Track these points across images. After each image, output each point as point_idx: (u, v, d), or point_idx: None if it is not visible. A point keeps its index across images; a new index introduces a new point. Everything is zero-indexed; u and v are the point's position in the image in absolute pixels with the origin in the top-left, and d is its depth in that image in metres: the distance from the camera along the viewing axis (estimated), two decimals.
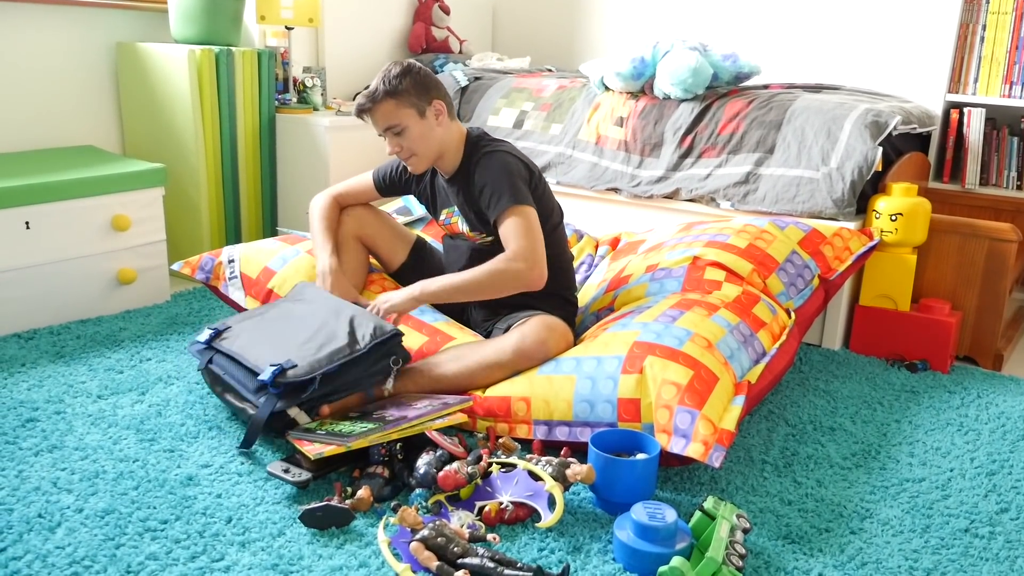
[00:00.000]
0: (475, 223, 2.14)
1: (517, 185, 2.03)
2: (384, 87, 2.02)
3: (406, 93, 2.02)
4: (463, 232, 2.19)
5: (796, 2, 3.57)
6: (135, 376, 2.22)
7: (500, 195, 2.01)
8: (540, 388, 1.90)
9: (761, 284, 2.26)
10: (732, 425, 1.70)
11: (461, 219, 2.18)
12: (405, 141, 2.05)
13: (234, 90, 3.06)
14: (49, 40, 2.95)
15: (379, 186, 2.31)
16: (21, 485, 1.68)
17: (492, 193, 2.03)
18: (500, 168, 2.04)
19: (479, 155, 2.09)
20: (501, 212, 2.01)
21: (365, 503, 1.63)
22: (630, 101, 2.99)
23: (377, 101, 2.02)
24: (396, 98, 2.01)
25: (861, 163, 2.54)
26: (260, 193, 3.27)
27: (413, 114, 2.03)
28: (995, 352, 2.61)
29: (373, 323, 1.91)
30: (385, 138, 2.08)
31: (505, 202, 2.01)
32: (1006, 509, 1.77)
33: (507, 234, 2.00)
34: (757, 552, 1.58)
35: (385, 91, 2.01)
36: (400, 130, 2.03)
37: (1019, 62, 3.04)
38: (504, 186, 2.02)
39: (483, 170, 2.05)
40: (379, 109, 2.03)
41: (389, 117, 2.03)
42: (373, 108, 2.03)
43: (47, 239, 2.50)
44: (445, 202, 2.21)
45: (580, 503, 1.71)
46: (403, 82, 2.02)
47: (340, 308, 2.00)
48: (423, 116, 2.04)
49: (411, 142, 2.05)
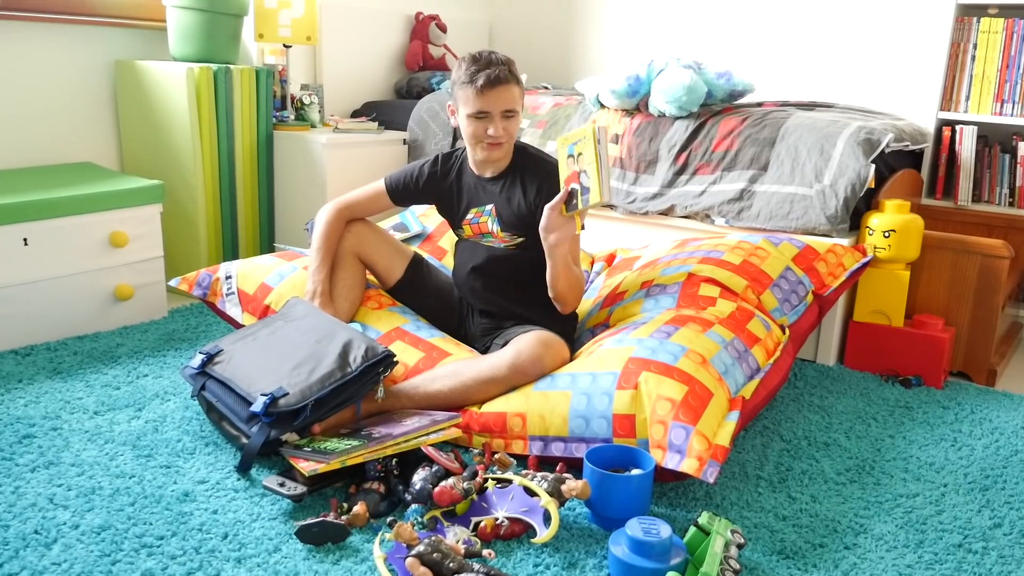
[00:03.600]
0: (511, 224, 2.16)
1: None
2: (509, 72, 2.04)
3: (521, 85, 2.09)
4: (492, 231, 2.20)
5: (790, 21, 3.61)
6: (132, 392, 2.22)
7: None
8: (536, 404, 1.91)
9: (755, 300, 2.28)
10: (727, 441, 1.71)
11: (493, 219, 2.19)
12: (511, 126, 2.09)
13: (232, 107, 3.09)
14: (48, 57, 2.97)
15: (393, 194, 2.30)
16: (17, 501, 1.68)
17: None
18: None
19: (535, 160, 2.17)
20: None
21: (361, 519, 1.63)
22: (625, 118, 3.01)
23: (508, 82, 2.04)
24: (518, 86, 2.08)
25: (854, 180, 2.57)
26: (257, 210, 3.28)
27: (522, 105, 2.12)
28: (988, 368, 2.62)
29: (365, 344, 1.90)
30: (491, 118, 2.05)
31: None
32: (999, 524, 1.78)
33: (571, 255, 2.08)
34: (751, 567, 1.58)
35: (512, 76, 2.05)
36: (512, 115, 2.08)
37: (1010, 80, 3.07)
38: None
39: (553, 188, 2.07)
40: (509, 89, 2.05)
41: (514, 100, 2.07)
42: (503, 87, 2.03)
43: (45, 255, 2.51)
44: (476, 200, 2.22)
45: (575, 519, 1.72)
46: (516, 72, 2.08)
47: (333, 328, 1.99)
48: (522, 110, 2.13)
49: (514, 128, 2.11)
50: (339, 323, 2.02)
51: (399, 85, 3.89)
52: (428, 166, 2.27)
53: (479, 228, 2.22)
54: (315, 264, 2.24)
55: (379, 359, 1.88)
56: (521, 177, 2.15)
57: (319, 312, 2.09)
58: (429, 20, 3.94)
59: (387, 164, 3.40)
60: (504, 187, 2.17)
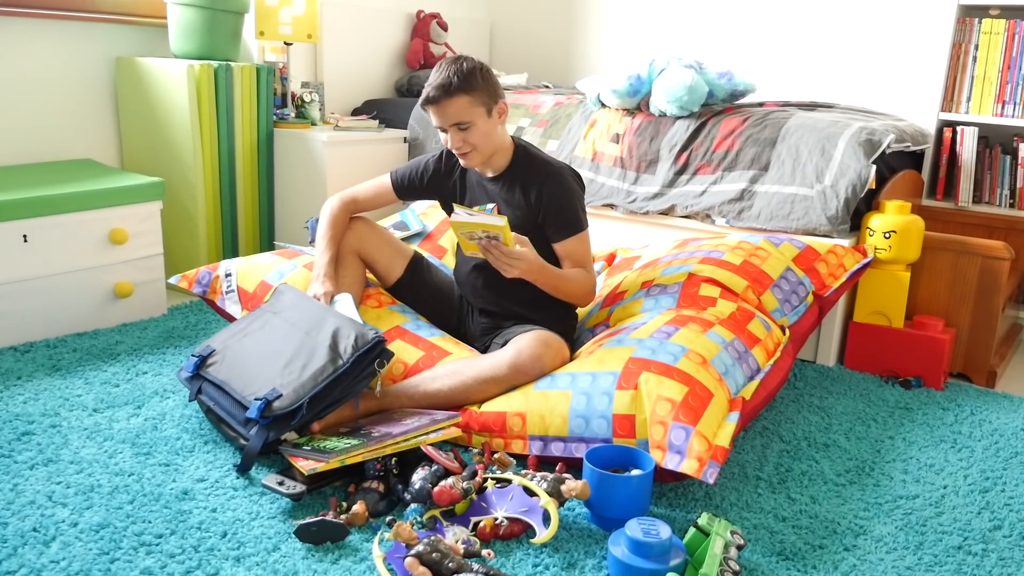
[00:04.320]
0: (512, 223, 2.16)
1: (582, 208, 2.16)
2: (458, 81, 1.99)
3: (480, 90, 2.02)
4: None
5: (791, 21, 3.60)
6: (131, 390, 2.22)
7: (567, 221, 2.12)
8: (536, 403, 1.91)
9: (756, 301, 2.27)
10: (726, 441, 1.71)
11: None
12: (470, 136, 2.04)
13: (232, 105, 3.08)
14: (49, 54, 2.97)
15: (397, 188, 2.31)
16: (16, 499, 1.68)
17: (562, 218, 2.12)
18: (569, 193, 2.14)
19: (536, 164, 2.15)
20: (575, 232, 2.13)
21: (360, 518, 1.63)
22: (626, 118, 3.01)
23: (451, 94, 1.99)
24: (471, 94, 2.00)
25: (855, 181, 2.56)
26: (257, 207, 3.28)
27: (483, 112, 2.04)
28: (988, 369, 2.62)
29: (355, 332, 1.87)
30: (446, 131, 2.06)
31: (575, 227, 2.13)
32: (999, 526, 1.78)
33: (574, 256, 2.14)
34: (751, 569, 1.58)
35: (459, 86, 1.99)
36: (467, 126, 2.03)
37: (1011, 81, 3.07)
38: (572, 212, 2.13)
39: (554, 190, 2.11)
40: (452, 103, 2.00)
41: (461, 113, 2.01)
42: (446, 101, 2.00)
43: (45, 252, 2.51)
44: (479, 199, 2.23)
45: (575, 519, 1.72)
46: (477, 79, 2.01)
47: (321, 316, 1.97)
48: (490, 115, 2.06)
49: (476, 138, 2.05)
50: (326, 309, 2.01)
51: (400, 83, 3.89)
52: (433, 162, 2.28)
53: None
54: (320, 248, 2.25)
55: (370, 347, 1.85)
56: (522, 178, 2.14)
57: (307, 299, 2.08)
58: (430, 18, 3.94)
59: (387, 162, 3.40)
60: (504, 188, 2.17)
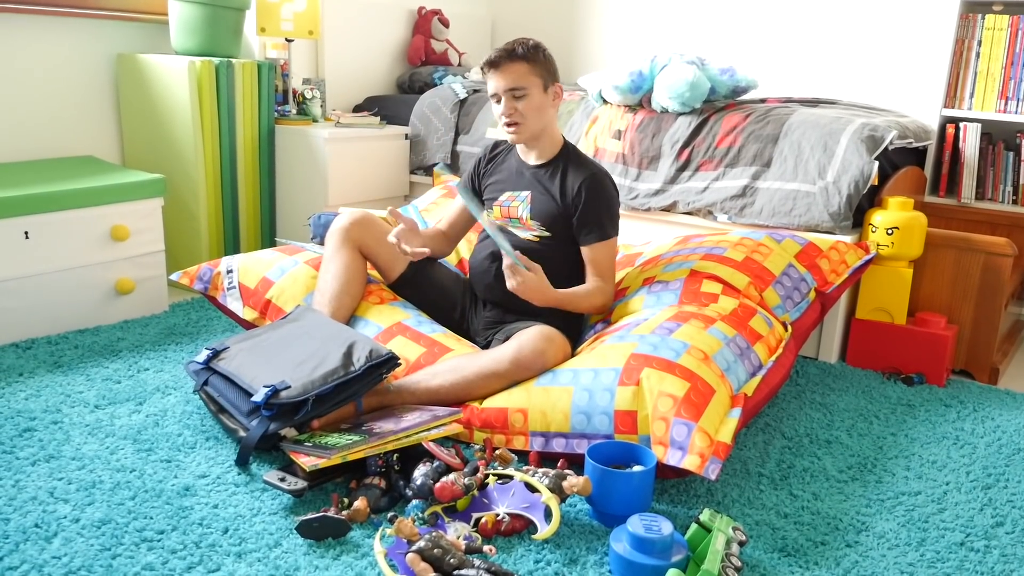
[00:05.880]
0: (540, 215, 2.19)
1: (618, 214, 2.20)
2: (522, 50, 2.09)
3: (540, 63, 2.12)
4: (520, 216, 2.22)
5: (793, 17, 3.60)
6: (132, 386, 2.22)
7: (602, 224, 2.16)
8: (537, 400, 1.91)
9: (758, 297, 2.27)
10: (728, 437, 1.71)
11: (525, 205, 2.21)
12: (522, 105, 2.11)
13: (234, 101, 3.08)
14: (50, 51, 2.96)
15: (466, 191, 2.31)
16: (18, 495, 1.68)
17: (595, 219, 2.15)
18: (608, 198, 2.17)
19: (582, 161, 2.20)
20: (601, 239, 2.16)
21: (362, 514, 1.63)
22: (628, 114, 3.00)
23: (514, 59, 2.09)
24: (530, 63, 2.10)
25: (857, 177, 2.56)
26: (259, 204, 3.28)
27: (539, 84, 2.12)
28: (991, 366, 2.61)
29: (370, 346, 1.91)
30: (501, 99, 2.12)
31: (607, 232, 2.17)
32: (1001, 523, 1.77)
33: (602, 264, 2.18)
34: (753, 565, 1.58)
35: (522, 54, 2.09)
36: (522, 94, 2.10)
37: (1014, 77, 3.06)
38: (608, 216, 2.17)
39: (596, 187, 2.14)
40: (513, 68, 2.09)
41: (519, 78, 2.09)
42: (507, 64, 2.09)
43: (46, 249, 2.51)
44: (515, 184, 2.25)
45: (576, 515, 1.71)
46: (539, 53, 2.12)
47: (339, 331, 2.00)
48: (545, 90, 2.13)
49: (527, 109, 2.12)
50: (345, 327, 2.04)
51: (401, 80, 3.88)
52: (480, 154, 2.38)
53: (508, 212, 2.25)
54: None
55: (383, 360, 1.88)
56: (563, 172, 2.18)
57: (328, 320, 2.10)
58: (431, 15, 3.93)
59: (389, 159, 3.40)
60: (547, 175, 2.20)
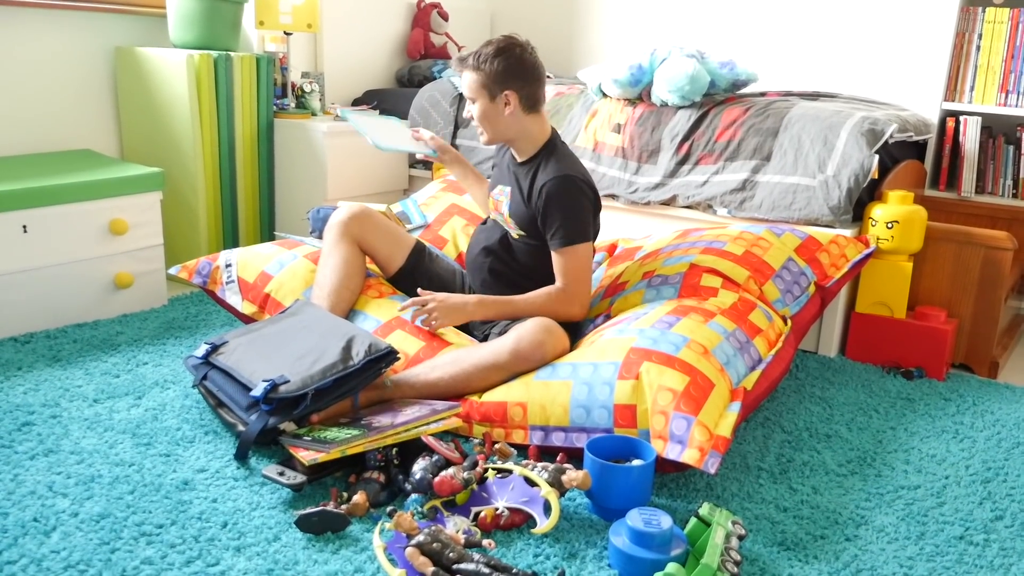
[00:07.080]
0: (516, 213, 2.21)
1: (586, 220, 2.13)
2: (472, 59, 2.14)
3: (485, 75, 2.13)
4: (503, 213, 2.24)
5: (793, 10, 3.58)
6: (131, 380, 2.22)
7: (566, 228, 2.10)
8: (536, 393, 1.90)
9: (757, 291, 2.27)
10: (728, 431, 1.71)
11: (507, 201, 2.23)
12: (475, 112, 2.18)
13: (232, 95, 3.07)
14: (48, 44, 2.95)
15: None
16: (16, 489, 1.67)
17: (559, 222, 2.10)
18: (573, 203, 2.11)
19: (550, 165, 2.14)
20: (563, 245, 2.11)
21: (361, 508, 1.63)
22: (627, 108, 2.99)
23: (465, 67, 2.16)
24: (476, 72, 2.14)
25: (857, 171, 2.55)
26: (258, 198, 3.27)
27: (485, 94, 2.15)
28: (991, 360, 2.61)
29: (369, 341, 1.91)
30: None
31: (570, 238, 2.10)
32: (1001, 517, 1.77)
33: (564, 270, 2.13)
34: (752, 559, 1.58)
35: (472, 64, 2.14)
36: (473, 102, 2.18)
37: (1015, 71, 3.05)
38: (572, 221, 2.10)
39: (556, 191, 2.10)
40: (465, 75, 2.16)
41: (468, 87, 2.17)
42: (461, 70, 2.17)
43: (44, 243, 2.50)
44: (504, 178, 2.28)
45: (576, 509, 1.71)
46: (491, 64, 2.12)
47: (338, 325, 2.00)
48: (493, 100, 2.15)
49: (478, 116, 2.17)
50: (344, 322, 2.04)
51: (400, 73, 3.87)
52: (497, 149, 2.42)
53: (497, 206, 2.28)
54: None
55: (382, 354, 1.88)
56: (535, 173, 2.17)
57: (327, 315, 2.10)
58: (431, 8, 3.92)
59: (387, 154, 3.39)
60: (523, 174, 2.20)
